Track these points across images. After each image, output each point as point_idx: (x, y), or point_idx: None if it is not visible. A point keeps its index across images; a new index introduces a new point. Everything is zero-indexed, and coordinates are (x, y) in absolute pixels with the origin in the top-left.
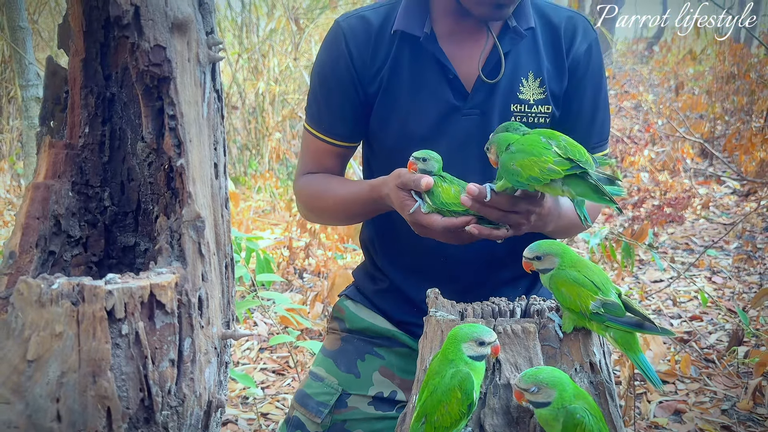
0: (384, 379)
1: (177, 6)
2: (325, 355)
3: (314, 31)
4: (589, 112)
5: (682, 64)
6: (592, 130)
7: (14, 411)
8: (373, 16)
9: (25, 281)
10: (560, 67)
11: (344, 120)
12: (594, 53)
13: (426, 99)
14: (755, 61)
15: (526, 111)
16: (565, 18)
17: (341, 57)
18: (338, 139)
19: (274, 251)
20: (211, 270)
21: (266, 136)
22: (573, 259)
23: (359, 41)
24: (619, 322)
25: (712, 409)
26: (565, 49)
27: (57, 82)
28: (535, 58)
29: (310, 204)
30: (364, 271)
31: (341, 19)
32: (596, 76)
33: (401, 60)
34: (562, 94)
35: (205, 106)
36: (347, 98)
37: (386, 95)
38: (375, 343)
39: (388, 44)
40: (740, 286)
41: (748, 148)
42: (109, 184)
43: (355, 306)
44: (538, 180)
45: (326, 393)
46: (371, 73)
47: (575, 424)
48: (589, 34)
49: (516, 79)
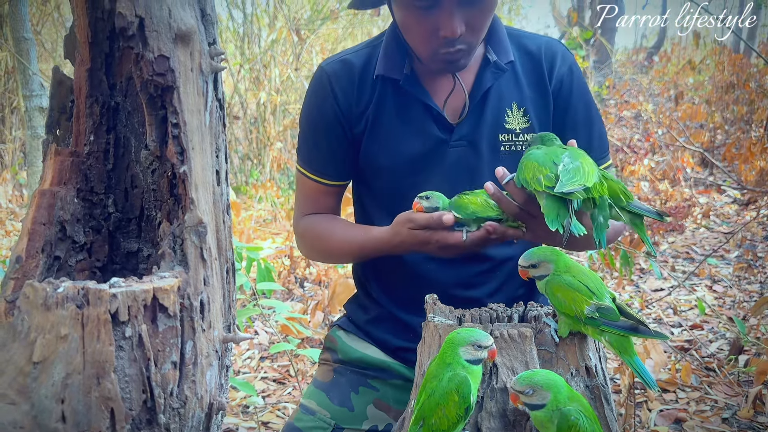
0: (379, 412)
1: (180, 17)
2: (316, 387)
3: (315, 42)
4: (585, 128)
5: (681, 73)
6: (591, 145)
7: (20, 412)
8: (355, 59)
9: (31, 285)
10: (544, 93)
11: (334, 160)
12: (575, 72)
13: (412, 134)
14: (754, 70)
15: (513, 140)
16: (543, 44)
17: (327, 100)
18: (330, 179)
19: (275, 260)
20: (212, 274)
21: (267, 145)
22: (567, 265)
23: (343, 84)
24: (614, 326)
25: (713, 417)
26: (547, 74)
27: (63, 91)
28: (516, 88)
29: (316, 246)
30: (357, 302)
31: (324, 64)
32: (583, 92)
33: (385, 101)
34: (551, 119)
35: (207, 114)
36: (335, 139)
37: (373, 133)
38: (369, 375)
39: (371, 87)
40: (741, 295)
41: (747, 157)
42: (113, 191)
43: (347, 336)
44: (527, 183)
45: (318, 427)
46: (357, 114)
47: (569, 425)
48: (567, 57)
49: (501, 110)
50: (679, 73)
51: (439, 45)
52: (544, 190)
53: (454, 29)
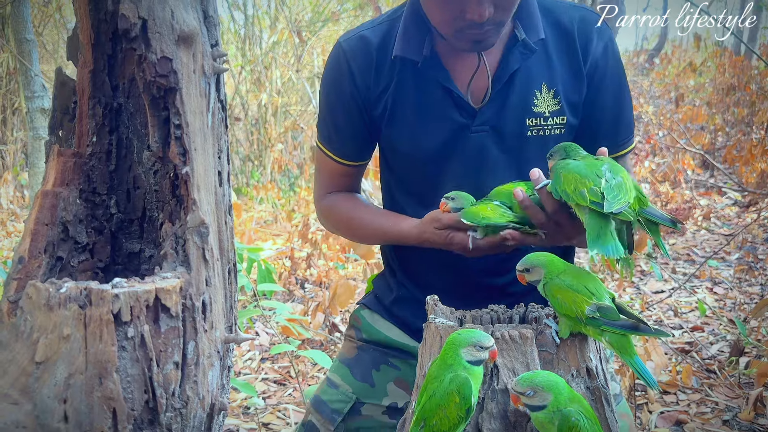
0: (399, 390)
1: (183, 19)
2: (341, 362)
3: (316, 44)
4: (614, 113)
5: (682, 75)
6: (618, 129)
7: (22, 411)
8: (372, 36)
9: (34, 285)
10: (578, 74)
11: (353, 141)
12: (610, 51)
13: (433, 120)
14: (755, 72)
15: (541, 124)
16: (578, 19)
17: (344, 80)
18: (348, 159)
19: (275, 261)
20: (214, 275)
21: (268, 147)
22: (559, 268)
23: (361, 63)
24: (615, 326)
25: (714, 419)
26: (581, 54)
27: (66, 92)
28: (547, 68)
29: (340, 226)
30: (384, 280)
31: (342, 40)
32: (616, 74)
33: (404, 84)
34: (582, 101)
35: (209, 115)
36: (353, 121)
37: (393, 119)
38: (390, 354)
39: (390, 68)
40: (741, 297)
41: (748, 159)
42: (116, 192)
43: (371, 316)
44: (568, 196)
45: (341, 400)
46: (375, 95)
47: (570, 427)
48: (604, 33)
49: (529, 92)
50: (679, 75)
51: (464, 25)
52: (588, 206)
53: (482, 12)
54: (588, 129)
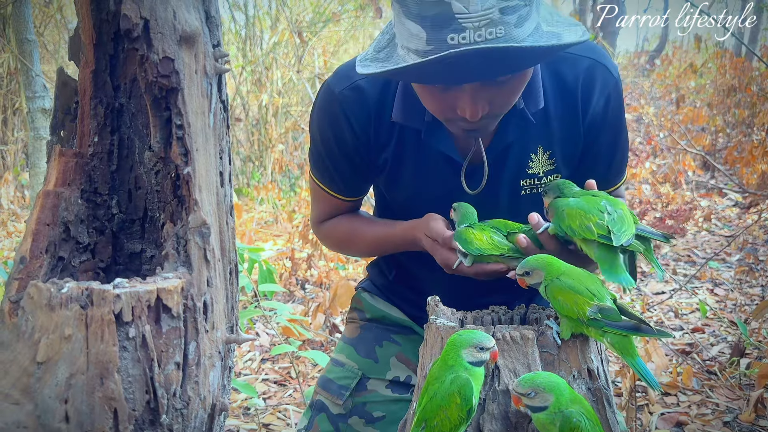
0: (400, 364)
1: (185, 20)
2: (345, 342)
3: (317, 44)
4: (607, 159)
5: (683, 77)
6: (609, 172)
7: (24, 412)
8: (368, 88)
9: (35, 285)
10: (575, 131)
11: (352, 182)
12: (612, 103)
13: (432, 182)
14: (756, 74)
15: (535, 183)
16: (583, 72)
17: (344, 130)
18: (347, 195)
19: (276, 262)
20: (216, 275)
21: (269, 147)
22: (560, 270)
23: (359, 117)
24: (617, 327)
25: (714, 421)
26: (581, 110)
27: (67, 93)
28: (545, 132)
29: (340, 245)
30: (377, 267)
31: (336, 90)
32: (614, 124)
33: (405, 147)
34: (578, 155)
35: (211, 116)
36: (351, 165)
37: (392, 176)
38: (392, 330)
39: (389, 128)
40: (742, 298)
41: (749, 160)
42: (117, 192)
43: (371, 298)
44: (573, 231)
45: (347, 377)
46: (375, 147)
47: (571, 428)
48: (608, 83)
49: (524, 157)
50: (680, 77)
51: (457, 118)
52: (596, 239)
53: (475, 112)
54: (580, 175)
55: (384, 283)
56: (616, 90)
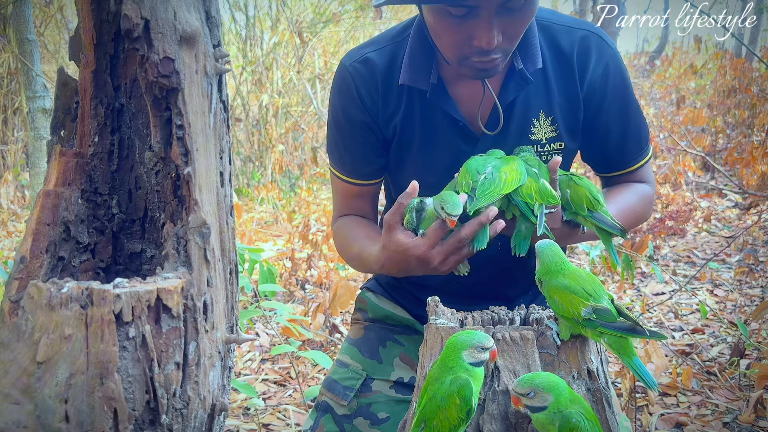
0: (404, 365)
1: (186, 20)
2: (349, 344)
3: (317, 45)
4: (619, 133)
5: (683, 77)
6: (626, 147)
7: (24, 411)
8: (377, 59)
9: (35, 285)
10: (574, 99)
11: (366, 160)
12: (612, 71)
13: (438, 149)
14: (756, 75)
15: (538, 150)
16: (578, 41)
17: (353, 102)
18: (362, 179)
19: (276, 262)
20: (216, 276)
21: (269, 148)
22: (559, 266)
23: (368, 87)
24: (612, 328)
25: (714, 421)
26: (578, 78)
27: (68, 92)
28: (545, 96)
29: (340, 250)
30: None
31: (347, 63)
32: (619, 92)
33: (412, 112)
34: (580, 125)
35: (211, 116)
36: (365, 140)
37: (401, 144)
38: (395, 331)
39: (397, 94)
40: (742, 299)
41: (749, 161)
42: (117, 192)
43: (376, 297)
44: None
45: (352, 378)
46: (385, 118)
47: (571, 428)
48: (605, 53)
49: (527, 121)
50: (680, 77)
51: (471, 53)
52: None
53: (491, 40)
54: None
55: (389, 281)
56: (615, 60)
